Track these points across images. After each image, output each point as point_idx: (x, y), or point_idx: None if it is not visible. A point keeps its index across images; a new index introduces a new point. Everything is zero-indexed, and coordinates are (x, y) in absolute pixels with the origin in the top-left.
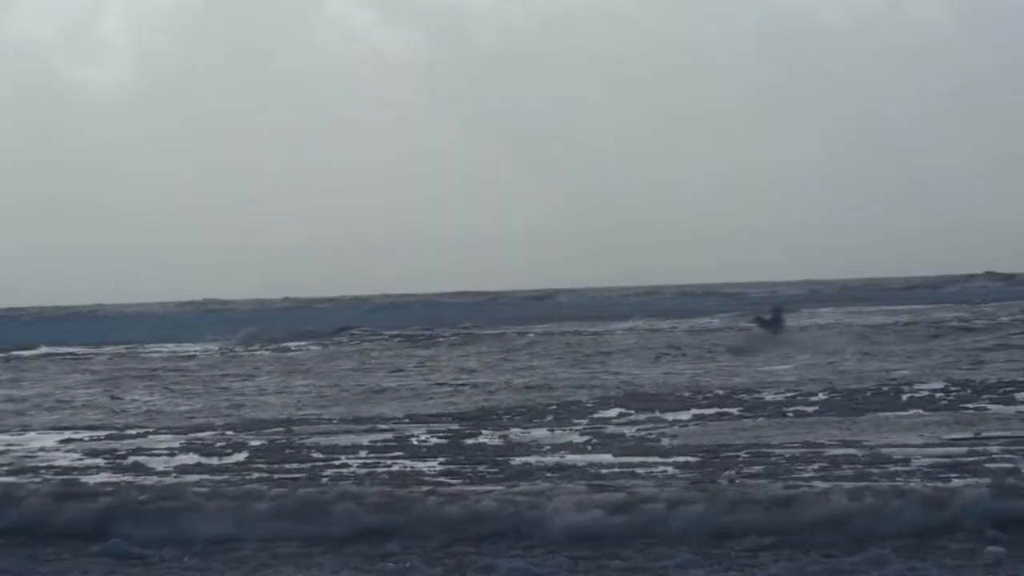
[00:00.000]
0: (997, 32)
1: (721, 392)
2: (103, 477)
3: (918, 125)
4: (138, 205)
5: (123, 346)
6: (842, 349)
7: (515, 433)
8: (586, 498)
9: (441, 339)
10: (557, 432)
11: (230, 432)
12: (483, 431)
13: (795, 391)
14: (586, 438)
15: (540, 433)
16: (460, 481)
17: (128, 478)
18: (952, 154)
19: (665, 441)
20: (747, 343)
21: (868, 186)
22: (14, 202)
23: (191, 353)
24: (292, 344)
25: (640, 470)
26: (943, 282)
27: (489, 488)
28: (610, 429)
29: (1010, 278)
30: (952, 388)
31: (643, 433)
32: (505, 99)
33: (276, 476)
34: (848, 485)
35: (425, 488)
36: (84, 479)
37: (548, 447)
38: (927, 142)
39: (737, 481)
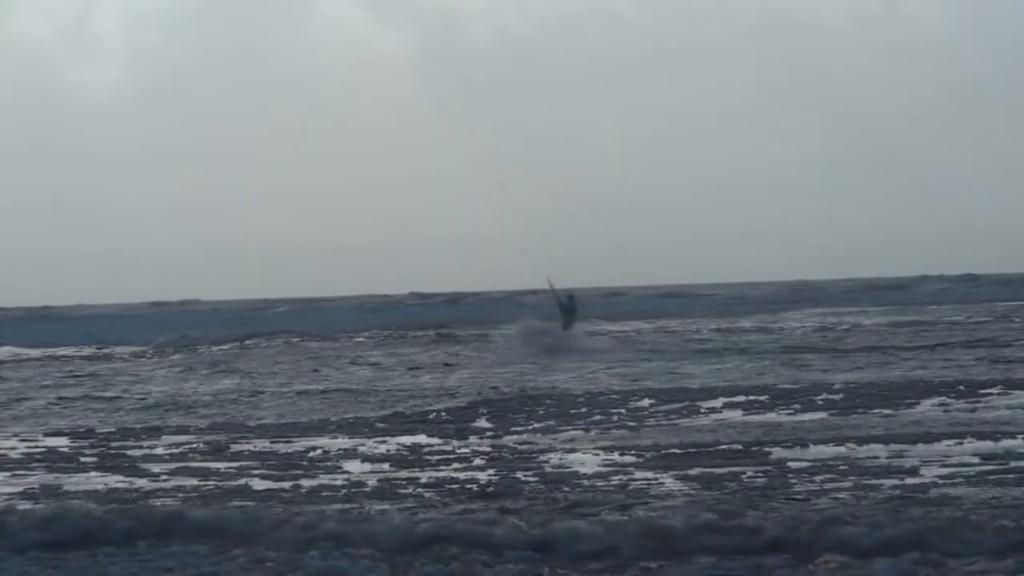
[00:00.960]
0: (996, 32)
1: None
2: None
3: (917, 125)
4: (134, 205)
5: (43, 348)
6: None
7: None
8: None
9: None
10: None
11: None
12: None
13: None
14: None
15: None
16: None
17: None
18: (950, 154)
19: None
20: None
21: (866, 186)
22: (11, 202)
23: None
24: (205, 347)
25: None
26: (913, 282)
27: None
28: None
29: (975, 279)
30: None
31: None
32: (501, 99)
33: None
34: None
35: None
36: None
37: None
38: (926, 142)
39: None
